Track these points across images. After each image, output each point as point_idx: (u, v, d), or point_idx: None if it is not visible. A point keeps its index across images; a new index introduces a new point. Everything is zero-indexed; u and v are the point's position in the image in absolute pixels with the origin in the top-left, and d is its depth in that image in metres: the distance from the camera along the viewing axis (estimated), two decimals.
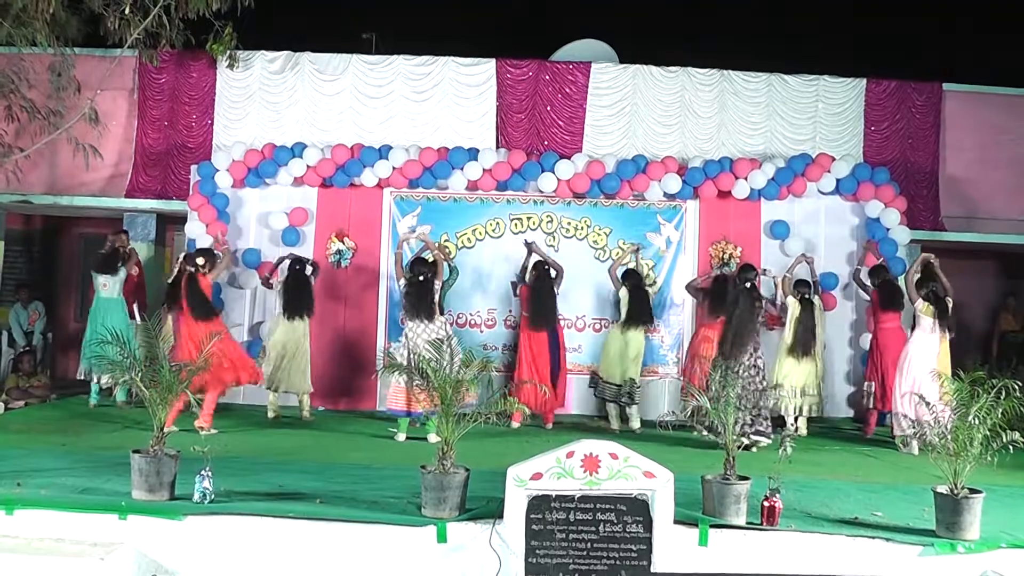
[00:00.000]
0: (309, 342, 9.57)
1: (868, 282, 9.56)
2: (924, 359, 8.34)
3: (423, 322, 8.36)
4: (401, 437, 8.36)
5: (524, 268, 9.72)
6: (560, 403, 9.69)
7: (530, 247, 9.83)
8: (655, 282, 10.49)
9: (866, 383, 9.41)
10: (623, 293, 9.47)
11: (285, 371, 9.40)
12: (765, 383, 8.37)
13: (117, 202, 11.24)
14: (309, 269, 9.69)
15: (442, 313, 8.93)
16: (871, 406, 9.29)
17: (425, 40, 11.60)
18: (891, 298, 9.20)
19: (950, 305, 8.66)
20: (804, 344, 9.21)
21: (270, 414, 9.37)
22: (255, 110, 11.11)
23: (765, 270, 9.79)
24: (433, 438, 7.90)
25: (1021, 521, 5.90)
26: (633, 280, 9.55)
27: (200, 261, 8.68)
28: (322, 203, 10.63)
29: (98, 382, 9.58)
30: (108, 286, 9.69)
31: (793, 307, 9.25)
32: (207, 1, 9.95)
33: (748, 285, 8.69)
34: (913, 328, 8.71)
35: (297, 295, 9.44)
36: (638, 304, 9.44)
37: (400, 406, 8.27)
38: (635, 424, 9.36)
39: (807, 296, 9.32)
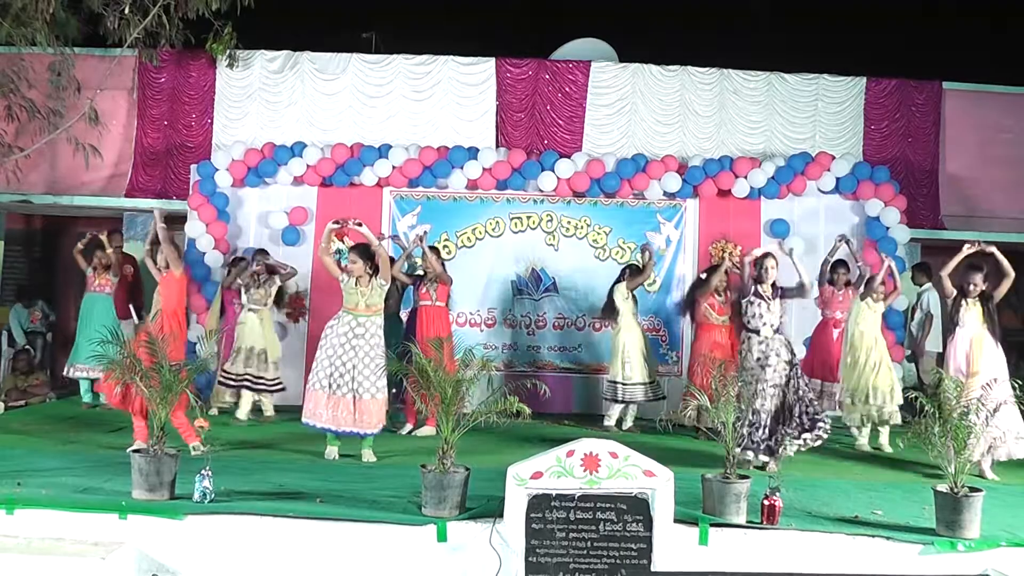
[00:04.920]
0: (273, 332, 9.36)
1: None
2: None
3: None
4: (332, 453, 7.39)
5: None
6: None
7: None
8: (655, 281, 10.50)
9: None
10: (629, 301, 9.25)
11: (253, 367, 9.09)
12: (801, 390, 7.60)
13: (117, 202, 11.24)
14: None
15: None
16: None
17: (425, 39, 11.59)
18: None
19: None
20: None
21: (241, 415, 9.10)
22: (255, 109, 11.11)
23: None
24: (369, 456, 7.36)
25: (1021, 520, 5.90)
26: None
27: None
28: (322, 202, 10.61)
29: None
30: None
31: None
32: (207, 1, 9.96)
33: None
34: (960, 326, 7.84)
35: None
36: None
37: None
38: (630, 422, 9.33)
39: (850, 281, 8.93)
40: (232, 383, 9.04)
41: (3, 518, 5.35)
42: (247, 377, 9.01)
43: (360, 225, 7.56)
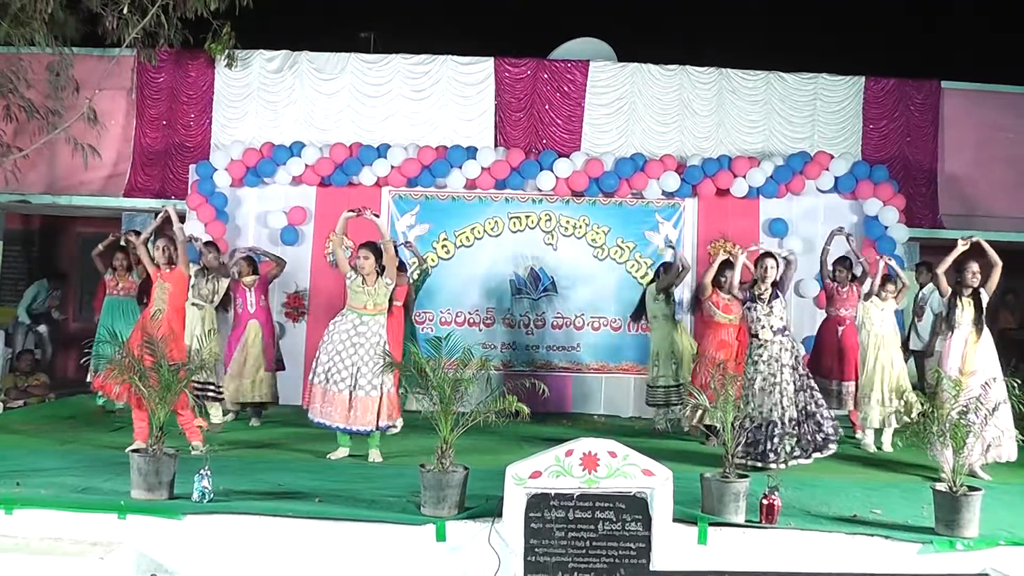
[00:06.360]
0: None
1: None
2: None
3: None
4: (339, 454, 7.40)
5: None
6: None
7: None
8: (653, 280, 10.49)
9: None
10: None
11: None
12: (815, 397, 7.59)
13: (116, 201, 11.22)
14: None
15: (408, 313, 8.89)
16: None
17: (423, 39, 11.59)
18: None
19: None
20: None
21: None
22: (253, 109, 11.10)
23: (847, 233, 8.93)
24: (375, 456, 7.32)
25: (1020, 519, 5.91)
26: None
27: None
28: (321, 202, 10.61)
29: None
30: None
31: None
32: (205, 0, 9.96)
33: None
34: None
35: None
36: None
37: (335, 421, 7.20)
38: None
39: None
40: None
41: (2, 518, 5.35)
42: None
43: (377, 216, 7.59)
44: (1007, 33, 13.41)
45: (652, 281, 9.30)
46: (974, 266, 7.60)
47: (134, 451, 5.91)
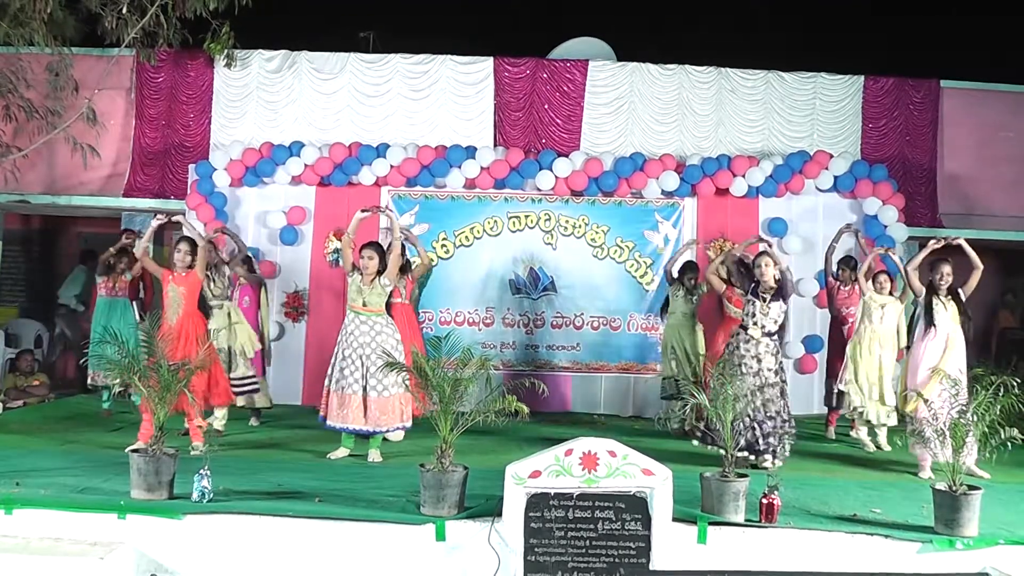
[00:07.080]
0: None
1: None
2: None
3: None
4: (339, 453, 7.41)
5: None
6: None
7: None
8: (652, 279, 10.51)
9: None
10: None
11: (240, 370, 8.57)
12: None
13: (115, 201, 11.21)
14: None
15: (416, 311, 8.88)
16: None
17: (423, 38, 11.58)
18: None
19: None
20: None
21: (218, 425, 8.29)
22: (253, 109, 11.09)
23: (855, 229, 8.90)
24: (374, 456, 7.32)
25: (1019, 518, 5.91)
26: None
27: None
28: (320, 202, 10.62)
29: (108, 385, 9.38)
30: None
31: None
32: (204, 0, 9.95)
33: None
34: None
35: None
36: None
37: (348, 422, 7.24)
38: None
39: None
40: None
41: (2, 518, 5.35)
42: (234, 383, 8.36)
43: (392, 212, 7.79)
44: (1006, 32, 13.40)
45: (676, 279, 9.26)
46: (945, 268, 7.50)
47: (134, 451, 5.91)
